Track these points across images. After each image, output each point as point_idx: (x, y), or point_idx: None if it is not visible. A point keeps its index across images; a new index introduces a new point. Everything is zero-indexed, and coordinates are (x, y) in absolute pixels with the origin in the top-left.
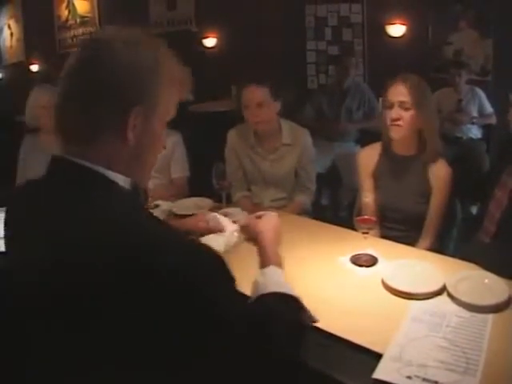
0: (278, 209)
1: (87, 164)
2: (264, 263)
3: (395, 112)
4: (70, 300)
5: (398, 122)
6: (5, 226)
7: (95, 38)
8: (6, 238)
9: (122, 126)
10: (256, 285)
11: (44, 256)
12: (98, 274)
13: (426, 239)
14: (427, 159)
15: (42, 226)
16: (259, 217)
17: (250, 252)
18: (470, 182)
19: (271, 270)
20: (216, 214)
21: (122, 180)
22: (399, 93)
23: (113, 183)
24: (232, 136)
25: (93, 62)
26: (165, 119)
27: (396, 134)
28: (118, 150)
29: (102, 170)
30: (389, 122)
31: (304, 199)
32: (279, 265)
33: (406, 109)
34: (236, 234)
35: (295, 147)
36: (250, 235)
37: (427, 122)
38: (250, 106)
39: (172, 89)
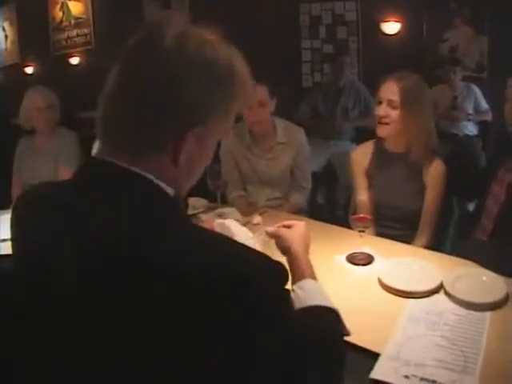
0: (273, 208)
1: (133, 169)
2: (299, 276)
3: (383, 109)
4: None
5: (385, 120)
6: (20, 227)
7: (161, 36)
8: (26, 240)
9: (175, 147)
10: (296, 297)
11: (88, 255)
12: (144, 280)
13: (422, 237)
14: (413, 159)
15: (78, 225)
16: (287, 226)
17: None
18: (466, 179)
19: (309, 282)
20: (223, 220)
21: (166, 187)
22: (390, 91)
23: (159, 188)
24: (227, 136)
25: (157, 65)
26: (221, 137)
27: (382, 131)
28: (165, 166)
29: (149, 175)
30: (376, 119)
31: (299, 198)
32: (314, 277)
33: (394, 107)
34: (251, 242)
35: (290, 146)
36: (278, 245)
37: (414, 123)
38: (251, 105)
39: (240, 104)
